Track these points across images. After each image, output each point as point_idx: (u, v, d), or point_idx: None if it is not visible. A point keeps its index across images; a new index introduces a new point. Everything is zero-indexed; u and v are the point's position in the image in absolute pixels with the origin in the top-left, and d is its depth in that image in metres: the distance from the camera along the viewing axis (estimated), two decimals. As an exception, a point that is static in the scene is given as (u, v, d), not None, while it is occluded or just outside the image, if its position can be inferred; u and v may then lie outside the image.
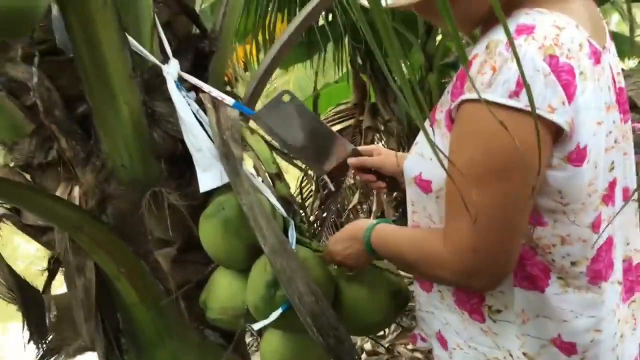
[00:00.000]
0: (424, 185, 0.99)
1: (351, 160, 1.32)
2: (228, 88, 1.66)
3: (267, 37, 3.45)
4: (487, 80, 0.82)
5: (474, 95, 0.84)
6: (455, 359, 1.08)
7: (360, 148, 1.35)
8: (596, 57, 0.90)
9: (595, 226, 0.92)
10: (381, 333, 3.05)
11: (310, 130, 1.34)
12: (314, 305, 1.03)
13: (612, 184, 0.95)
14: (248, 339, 2.84)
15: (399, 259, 1.07)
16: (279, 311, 1.13)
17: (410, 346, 3.00)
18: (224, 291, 1.31)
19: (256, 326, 1.16)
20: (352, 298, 1.23)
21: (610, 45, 0.99)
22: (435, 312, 1.10)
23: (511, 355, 0.99)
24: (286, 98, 1.33)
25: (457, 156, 0.88)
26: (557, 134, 0.85)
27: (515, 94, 0.81)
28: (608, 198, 0.94)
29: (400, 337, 3.06)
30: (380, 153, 1.33)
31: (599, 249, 0.94)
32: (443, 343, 1.10)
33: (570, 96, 0.83)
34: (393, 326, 2.99)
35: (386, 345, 3.03)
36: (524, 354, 0.97)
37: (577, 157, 0.86)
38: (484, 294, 0.99)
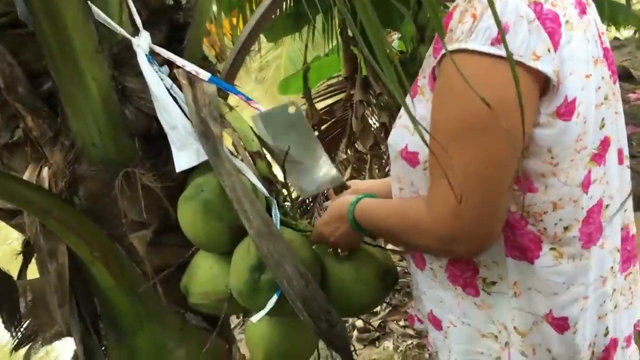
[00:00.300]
0: (410, 158, 0.95)
1: (327, 204, 1.29)
2: (217, 62, 1.59)
3: (253, 8, 3.36)
4: (468, 28, 0.79)
5: (454, 46, 0.80)
6: (450, 338, 1.05)
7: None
8: (582, 7, 0.87)
9: (584, 186, 0.89)
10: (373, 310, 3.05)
11: (304, 148, 1.31)
12: (304, 289, 1.00)
13: (604, 143, 0.92)
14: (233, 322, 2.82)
15: (384, 231, 1.04)
16: (274, 299, 1.10)
17: (402, 323, 3.00)
18: (205, 275, 1.27)
19: (254, 318, 1.13)
20: (339, 280, 1.20)
21: (592, 4, 0.96)
22: (428, 291, 1.07)
23: (506, 329, 0.96)
24: (292, 109, 1.31)
25: (437, 115, 0.84)
26: (544, 86, 0.81)
27: (497, 41, 0.77)
28: (599, 157, 0.91)
29: (391, 314, 3.06)
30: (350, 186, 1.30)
31: (590, 210, 0.91)
32: (436, 324, 1.07)
33: (555, 44, 0.79)
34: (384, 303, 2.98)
35: (378, 323, 3.03)
36: (515, 328, 0.95)
37: (566, 111, 0.82)
38: (477, 266, 0.96)
